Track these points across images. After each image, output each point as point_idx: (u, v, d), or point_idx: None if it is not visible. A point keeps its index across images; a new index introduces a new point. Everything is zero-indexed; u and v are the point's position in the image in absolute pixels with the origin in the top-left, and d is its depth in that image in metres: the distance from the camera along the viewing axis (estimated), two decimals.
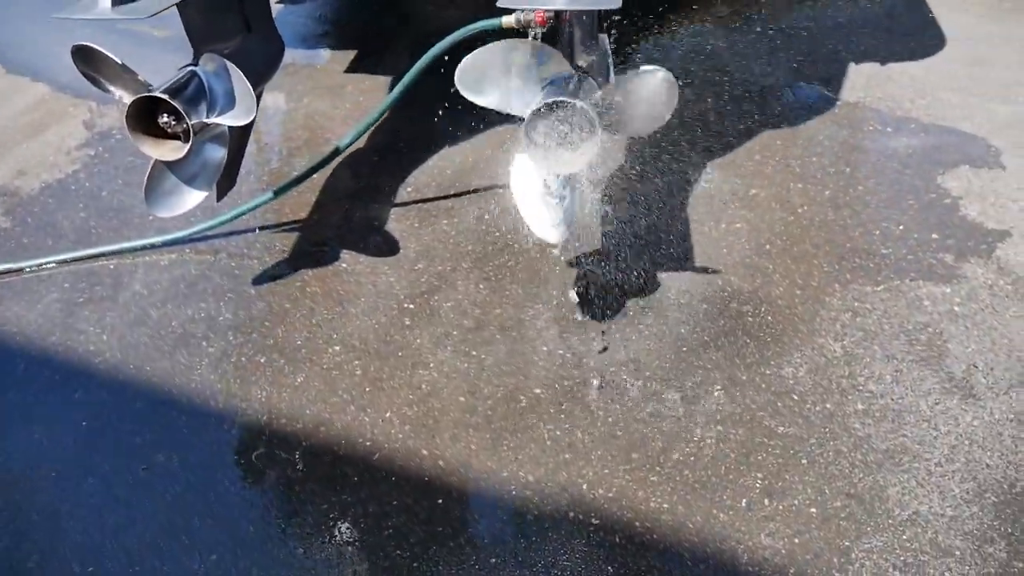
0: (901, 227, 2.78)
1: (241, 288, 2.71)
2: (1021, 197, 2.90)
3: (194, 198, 2.36)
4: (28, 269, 2.83)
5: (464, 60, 1.97)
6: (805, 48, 3.85)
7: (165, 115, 2.20)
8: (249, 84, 2.19)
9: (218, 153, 2.36)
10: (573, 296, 2.54)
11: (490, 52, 1.96)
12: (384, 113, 2.62)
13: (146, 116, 2.21)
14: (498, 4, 1.77)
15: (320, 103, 3.66)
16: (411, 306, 2.60)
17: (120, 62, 2.16)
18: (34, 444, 2.26)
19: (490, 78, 1.97)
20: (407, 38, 4.16)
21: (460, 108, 2.23)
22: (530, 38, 2.19)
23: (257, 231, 2.92)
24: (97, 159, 3.40)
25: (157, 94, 2.14)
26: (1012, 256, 2.65)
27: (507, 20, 2.33)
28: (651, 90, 1.96)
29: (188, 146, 2.19)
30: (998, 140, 3.18)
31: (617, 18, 2.56)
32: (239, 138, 2.56)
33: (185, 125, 2.19)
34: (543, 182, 2.10)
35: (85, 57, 2.20)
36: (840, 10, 4.18)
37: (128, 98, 2.18)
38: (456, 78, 1.98)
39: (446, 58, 2.28)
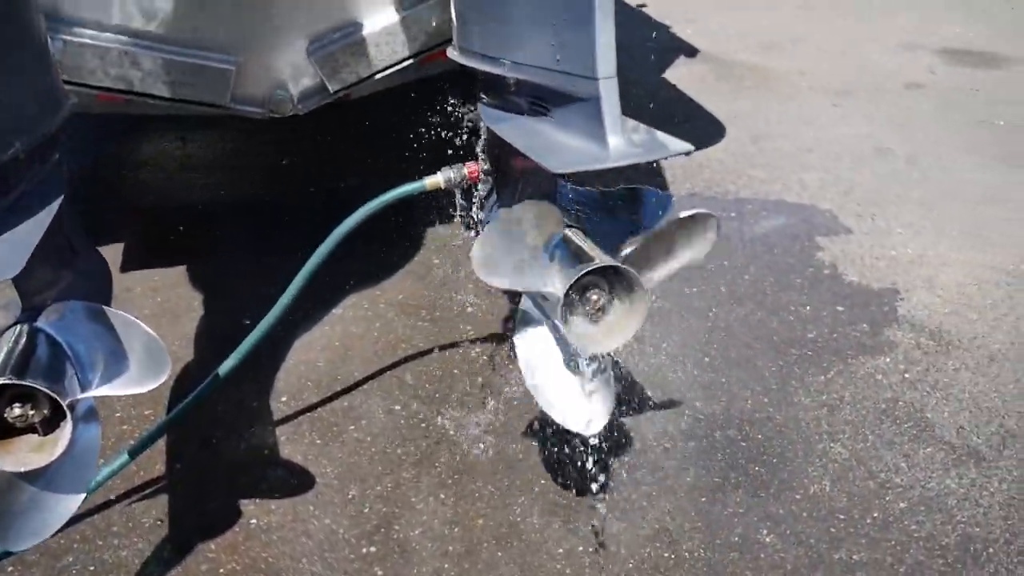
0: (808, 308, 2.80)
1: None
2: (879, 253, 3.08)
3: (66, 509, 1.63)
4: None
5: (475, 248, 1.56)
6: None
7: (16, 406, 1.50)
8: (149, 328, 1.57)
9: (92, 432, 1.67)
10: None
11: (502, 229, 1.58)
12: (279, 317, 2.07)
13: None
14: (554, 170, 1.43)
15: None
16: (372, 549, 2.04)
17: None
18: None
19: (505, 259, 1.58)
20: (167, 217, 3.51)
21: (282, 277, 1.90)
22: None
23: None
24: None
25: (4, 380, 1.45)
26: (912, 311, 2.77)
27: (432, 181, 1.99)
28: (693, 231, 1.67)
29: (66, 438, 1.51)
30: (825, 204, 3.39)
31: None
32: None
33: (46, 412, 1.51)
34: (573, 360, 1.73)
35: None
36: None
37: None
38: (475, 264, 1.56)
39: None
